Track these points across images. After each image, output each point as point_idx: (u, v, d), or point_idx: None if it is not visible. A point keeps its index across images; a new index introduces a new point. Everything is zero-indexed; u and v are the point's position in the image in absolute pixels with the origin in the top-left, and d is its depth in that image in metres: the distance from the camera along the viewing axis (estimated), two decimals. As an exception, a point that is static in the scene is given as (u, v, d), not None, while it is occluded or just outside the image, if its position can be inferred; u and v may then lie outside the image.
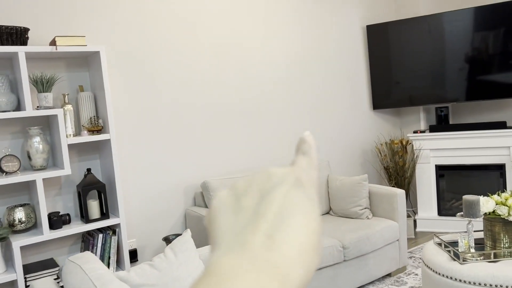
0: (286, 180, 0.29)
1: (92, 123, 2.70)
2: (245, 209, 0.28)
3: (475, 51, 3.99)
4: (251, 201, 0.28)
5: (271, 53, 3.75)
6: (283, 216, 0.27)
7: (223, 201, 0.30)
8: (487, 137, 3.91)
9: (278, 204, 0.27)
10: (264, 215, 0.27)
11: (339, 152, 4.23)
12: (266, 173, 0.31)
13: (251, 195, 0.29)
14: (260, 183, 0.30)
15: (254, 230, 0.26)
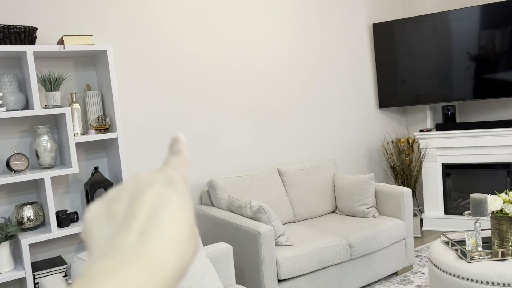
0: (154, 180, 0.30)
1: (100, 121, 2.71)
2: (116, 214, 0.29)
3: (482, 49, 3.97)
4: (122, 206, 0.29)
5: (277, 51, 3.75)
6: (154, 213, 0.27)
7: (95, 212, 0.30)
8: (494, 135, 3.89)
9: (149, 203, 0.28)
10: (135, 215, 0.28)
11: (345, 151, 4.22)
12: (134, 177, 0.31)
13: (122, 201, 0.30)
14: (130, 187, 0.30)
15: (126, 231, 0.27)
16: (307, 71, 3.95)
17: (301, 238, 2.92)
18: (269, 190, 3.32)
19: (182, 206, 0.29)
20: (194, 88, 3.32)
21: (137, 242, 0.26)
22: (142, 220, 0.27)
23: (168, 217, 0.28)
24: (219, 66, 3.44)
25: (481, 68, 3.99)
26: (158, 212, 0.28)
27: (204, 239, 3.11)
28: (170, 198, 0.29)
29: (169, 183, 0.30)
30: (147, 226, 0.27)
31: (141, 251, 0.26)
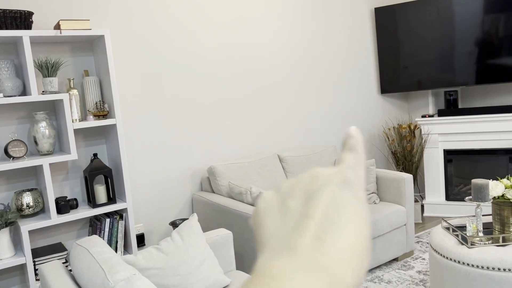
0: (332, 180, 0.28)
1: (98, 108, 2.69)
2: (291, 211, 0.28)
3: (485, 34, 3.91)
4: (297, 203, 0.28)
5: (277, 37, 3.71)
6: (331, 217, 0.26)
7: (268, 203, 0.30)
8: (496, 121, 3.86)
9: (325, 205, 0.27)
10: (311, 216, 0.26)
11: (346, 137, 4.19)
12: (311, 173, 0.30)
13: (297, 197, 0.29)
14: (306, 184, 0.29)
15: (301, 233, 0.26)
16: (308, 56, 3.91)
17: None
18: (269, 177, 3.31)
19: (359, 213, 0.27)
20: (194, 74, 3.28)
21: (313, 246, 0.25)
22: (317, 223, 0.26)
23: (345, 225, 0.26)
24: (219, 52, 3.40)
25: (484, 53, 3.94)
26: (334, 217, 0.26)
27: (204, 226, 3.11)
28: (347, 203, 0.27)
29: (347, 185, 0.28)
30: (323, 230, 0.26)
31: (318, 258, 0.24)
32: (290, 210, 0.28)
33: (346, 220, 0.26)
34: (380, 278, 2.99)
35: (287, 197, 0.29)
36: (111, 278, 1.37)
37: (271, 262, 0.25)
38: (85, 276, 1.51)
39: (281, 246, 0.26)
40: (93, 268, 1.50)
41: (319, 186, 0.28)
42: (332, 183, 0.28)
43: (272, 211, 0.29)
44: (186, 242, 2.01)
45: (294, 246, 0.25)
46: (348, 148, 0.33)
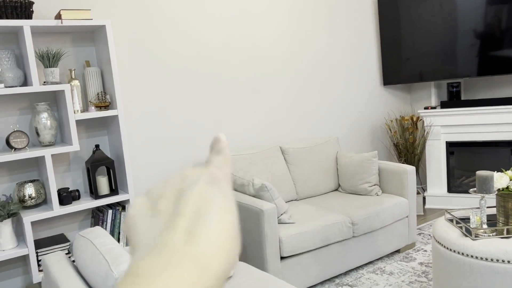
0: (200, 178, 0.30)
1: (100, 98, 2.67)
2: (162, 211, 0.29)
3: (487, 26, 3.88)
4: (167, 204, 0.29)
5: (280, 28, 3.67)
6: (200, 212, 0.27)
7: (139, 207, 0.30)
8: (499, 113, 3.84)
9: (194, 201, 0.28)
10: (182, 213, 0.27)
11: (348, 129, 4.18)
12: (180, 175, 0.32)
13: (167, 198, 0.30)
14: (175, 185, 0.30)
15: (172, 229, 0.27)
16: (311, 49, 3.88)
17: (304, 216, 2.91)
18: (271, 169, 3.30)
19: (226, 207, 0.29)
20: (196, 65, 3.26)
21: (185, 240, 0.26)
22: (188, 218, 0.27)
23: (213, 218, 0.27)
24: (222, 43, 3.37)
25: (486, 45, 3.91)
26: (204, 211, 0.28)
27: (207, 217, 3.10)
28: (215, 198, 0.29)
29: (214, 182, 0.30)
30: (194, 224, 0.27)
31: (189, 250, 0.25)
32: (160, 210, 0.29)
33: (215, 214, 0.27)
34: (382, 270, 2.99)
35: (157, 199, 0.30)
36: (115, 269, 1.36)
37: (139, 261, 0.25)
38: (89, 267, 1.50)
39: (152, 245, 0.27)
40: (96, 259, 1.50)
41: (188, 185, 0.29)
42: (201, 181, 0.30)
43: (143, 214, 0.29)
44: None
45: (165, 243, 0.26)
46: (216, 151, 0.35)
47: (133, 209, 0.31)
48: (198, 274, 0.25)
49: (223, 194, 0.29)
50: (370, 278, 2.90)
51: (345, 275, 2.98)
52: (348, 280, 2.90)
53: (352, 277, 2.93)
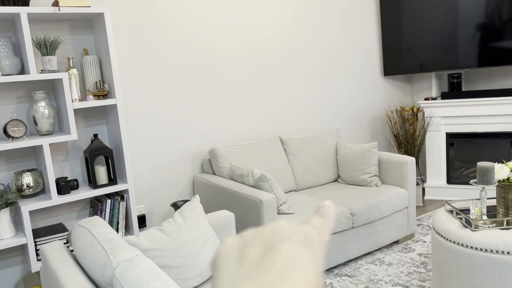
0: (294, 236, 0.29)
1: (98, 87, 2.64)
2: (249, 259, 0.28)
3: (488, 17, 3.84)
4: (256, 252, 0.29)
5: (280, 18, 3.63)
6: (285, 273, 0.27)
7: (229, 248, 0.30)
8: (499, 104, 3.82)
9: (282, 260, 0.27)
10: (267, 269, 0.27)
11: (348, 119, 4.16)
12: (276, 225, 0.31)
13: (257, 246, 0.29)
14: (268, 234, 0.30)
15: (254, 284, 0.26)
16: (312, 39, 3.84)
17: (303, 206, 2.90)
18: (271, 159, 3.28)
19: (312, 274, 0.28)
20: (196, 55, 3.23)
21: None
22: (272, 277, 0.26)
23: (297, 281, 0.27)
24: (222, 34, 3.33)
25: (487, 36, 3.88)
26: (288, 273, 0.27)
27: (206, 207, 3.10)
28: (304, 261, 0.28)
29: (307, 242, 0.29)
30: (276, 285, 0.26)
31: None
32: (247, 258, 0.28)
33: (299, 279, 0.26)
34: (381, 261, 3.00)
35: (248, 244, 0.29)
36: (113, 259, 1.35)
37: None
38: (87, 257, 1.49)
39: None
40: (95, 249, 1.49)
41: (280, 239, 0.29)
42: (294, 238, 0.29)
43: (230, 257, 0.29)
44: (188, 223, 1.99)
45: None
46: (319, 213, 0.34)
47: (223, 247, 0.30)
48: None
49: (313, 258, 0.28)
50: (369, 268, 2.90)
51: (344, 265, 2.98)
52: (347, 270, 2.90)
53: (351, 268, 2.93)
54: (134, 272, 1.28)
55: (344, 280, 2.78)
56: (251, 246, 0.29)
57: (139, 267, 1.30)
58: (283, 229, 0.30)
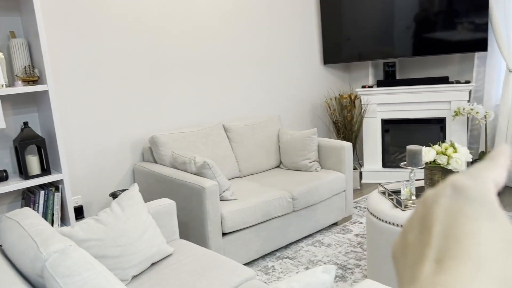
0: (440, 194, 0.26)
1: (27, 73, 2.49)
2: (411, 245, 0.27)
3: (422, 9, 4.05)
4: (414, 235, 0.27)
5: (220, 4, 3.61)
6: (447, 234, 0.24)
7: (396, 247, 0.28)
8: (430, 91, 4.06)
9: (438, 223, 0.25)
10: (427, 242, 0.25)
11: (289, 106, 4.24)
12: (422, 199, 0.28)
13: (413, 229, 0.27)
14: (419, 212, 0.27)
15: (421, 262, 0.24)
16: (253, 27, 3.85)
17: (246, 192, 2.94)
18: (214, 147, 3.28)
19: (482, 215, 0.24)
20: (134, 38, 3.13)
21: (433, 271, 0.23)
22: (435, 245, 0.24)
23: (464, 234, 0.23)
24: (162, 17, 3.25)
25: (421, 27, 4.09)
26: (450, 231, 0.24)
27: (147, 196, 3.05)
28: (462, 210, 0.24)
29: (458, 192, 0.25)
30: (442, 250, 0.24)
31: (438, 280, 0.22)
32: (409, 245, 0.27)
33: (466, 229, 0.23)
34: (320, 242, 3.11)
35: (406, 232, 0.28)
36: (44, 251, 1.30)
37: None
38: (16, 250, 1.42)
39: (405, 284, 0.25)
40: (25, 241, 1.42)
41: (429, 207, 0.26)
42: (441, 196, 0.26)
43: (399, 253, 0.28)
44: (127, 212, 1.95)
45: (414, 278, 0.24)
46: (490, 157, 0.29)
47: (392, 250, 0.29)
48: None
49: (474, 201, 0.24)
50: (309, 250, 3.00)
51: (285, 248, 3.06)
52: (288, 253, 2.99)
53: (292, 250, 3.02)
54: (66, 263, 1.24)
55: (286, 262, 2.86)
56: (409, 232, 0.27)
57: (72, 258, 1.26)
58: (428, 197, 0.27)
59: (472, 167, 0.28)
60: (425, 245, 0.25)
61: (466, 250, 0.23)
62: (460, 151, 2.30)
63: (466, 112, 3.81)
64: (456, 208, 0.25)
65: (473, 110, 3.77)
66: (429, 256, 0.24)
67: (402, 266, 0.27)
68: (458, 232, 0.24)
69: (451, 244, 0.23)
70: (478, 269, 0.22)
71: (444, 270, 0.22)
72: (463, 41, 3.96)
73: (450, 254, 0.23)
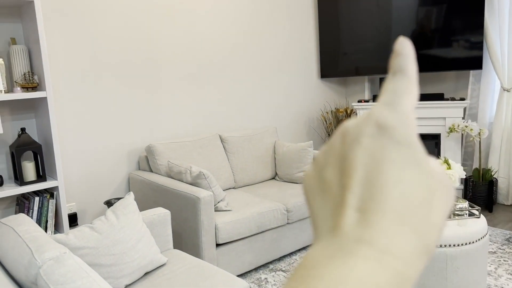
0: (362, 132, 0.23)
1: (27, 79, 2.51)
2: (328, 183, 0.24)
3: (418, 26, 4.11)
4: (332, 173, 0.24)
5: (220, 16, 3.65)
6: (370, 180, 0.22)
7: (308, 181, 0.25)
8: (426, 107, 4.10)
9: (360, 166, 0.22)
10: (348, 186, 0.22)
11: (286, 119, 4.27)
12: (340, 131, 0.25)
13: (331, 166, 0.24)
14: (336, 147, 0.24)
15: (342, 209, 0.22)
16: (252, 39, 3.89)
17: (241, 203, 2.94)
18: (210, 157, 3.29)
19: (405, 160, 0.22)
20: (134, 47, 3.15)
21: (356, 222, 0.21)
22: (357, 192, 0.22)
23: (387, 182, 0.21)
24: (162, 27, 3.28)
25: (417, 44, 4.15)
26: (373, 177, 0.22)
27: (142, 205, 3.05)
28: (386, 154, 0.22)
29: (383, 132, 0.23)
30: (364, 199, 0.21)
31: (361, 235, 0.20)
32: (326, 183, 0.24)
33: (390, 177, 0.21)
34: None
35: (322, 168, 0.24)
36: (38, 257, 1.30)
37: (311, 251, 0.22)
38: (10, 256, 1.42)
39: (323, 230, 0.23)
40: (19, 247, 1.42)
41: (349, 145, 0.23)
42: (364, 136, 0.23)
43: (313, 189, 0.25)
44: (121, 221, 1.96)
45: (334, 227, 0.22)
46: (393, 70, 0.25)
47: (304, 181, 0.26)
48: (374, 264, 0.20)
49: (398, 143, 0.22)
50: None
51: (279, 260, 3.06)
52: (282, 265, 2.98)
53: (286, 263, 3.02)
54: (61, 270, 1.24)
55: (279, 275, 2.85)
56: (326, 168, 0.24)
57: (66, 265, 1.26)
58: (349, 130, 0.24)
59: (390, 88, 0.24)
60: (346, 189, 0.22)
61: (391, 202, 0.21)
62: (454, 168, 2.32)
63: (461, 129, 3.85)
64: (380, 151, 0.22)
65: (467, 127, 3.81)
66: (350, 203, 0.22)
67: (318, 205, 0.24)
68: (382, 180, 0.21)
69: (375, 194, 0.21)
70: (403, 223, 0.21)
71: (368, 223, 0.21)
72: (458, 58, 4.01)
73: (374, 205, 0.21)
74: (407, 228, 0.21)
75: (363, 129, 0.23)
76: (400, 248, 0.20)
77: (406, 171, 0.22)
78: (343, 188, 0.22)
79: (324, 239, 0.22)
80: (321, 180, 0.24)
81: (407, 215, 0.21)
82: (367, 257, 0.20)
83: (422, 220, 0.21)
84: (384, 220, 0.20)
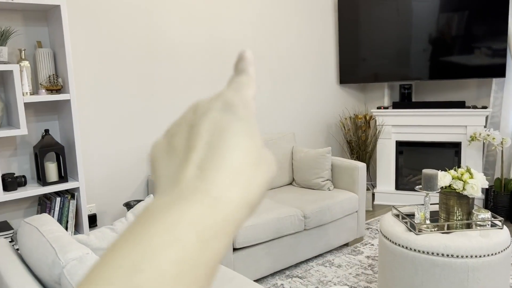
0: (212, 107, 0.28)
1: (51, 81, 2.56)
2: (176, 148, 0.27)
3: (439, 32, 4.07)
4: (181, 139, 0.28)
5: (240, 24, 3.67)
6: (212, 143, 0.26)
7: (157, 148, 0.29)
8: (446, 115, 4.05)
9: (206, 133, 0.26)
10: (193, 148, 0.26)
11: (304, 125, 4.26)
12: (192, 106, 0.29)
13: (181, 133, 0.28)
14: (187, 119, 0.29)
15: (185, 166, 0.25)
16: (271, 46, 3.90)
17: (258, 208, 2.94)
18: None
19: (243, 133, 0.26)
20: (155, 50, 3.19)
21: (196, 175, 0.25)
22: (200, 152, 0.25)
23: (227, 147, 0.25)
24: (183, 32, 3.32)
25: (437, 50, 4.10)
26: (216, 142, 0.26)
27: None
28: (229, 125, 0.26)
29: (228, 109, 0.27)
30: (206, 157, 0.25)
31: (199, 185, 0.24)
32: (175, 147, 0.27)
33: (229, 142, 0.26)
34: (331, 262, 3.08)
35: (172, 135, 0.28)
36: (62, 257, 1.32)
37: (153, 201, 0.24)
38: (34, 255, 1.45)
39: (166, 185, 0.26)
40: (43, 247, 1.45)
41: (199, 117, 0.27)
42: (213, 110, 0.27)
43: (161, 154, 0.28)
44: (142, 223, 1.97)
45: (177, 181, 0.25)
46: (237, 71, 0.32)
47: (152, 149, 0.29)
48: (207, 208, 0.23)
49: (239, 119, 0.27)
50: (319, 270, 2.98)
51: (295, 267, 3.05)
52: (298, 272, 2.97)
53: (302, 269, 3.00)
54: (84, 270, 1.26)
55: (295, 281, 2.84)
56: (176, 136, 0.28)
57: (89, 265, 1.28)
58: (200, 106, 0.29)
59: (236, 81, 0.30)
60: (191, 149, 0.26)
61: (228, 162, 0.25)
62: (476, 177, 2.28)
63: (482, 138, 3.79)
64: (223, 122, 0.26)
65: (489, 136, 3.74)
66: (193, 161, 0.25)
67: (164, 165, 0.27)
68: (223, 145, 0.25)
69: (215, 155, 0.25)
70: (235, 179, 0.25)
71: (206, 177, 0.24)
72: (480, 66, 3.95)
73: (213, 164, 0.25)
74: (238, 183, 0.25)
75: (213, 104, 0.28)
76: (230, 198, 0.24)
77: (243, 140, 0.26)
78: (189, 149, 0.26)
79: (164, 192, 0.25)
80: (170, 146, 0.28)
81: (239, 173, 0.25)
82: (201, 202, 0.23)
83: (250, 179, 0.25)
84: (219, 175, 0.24)
